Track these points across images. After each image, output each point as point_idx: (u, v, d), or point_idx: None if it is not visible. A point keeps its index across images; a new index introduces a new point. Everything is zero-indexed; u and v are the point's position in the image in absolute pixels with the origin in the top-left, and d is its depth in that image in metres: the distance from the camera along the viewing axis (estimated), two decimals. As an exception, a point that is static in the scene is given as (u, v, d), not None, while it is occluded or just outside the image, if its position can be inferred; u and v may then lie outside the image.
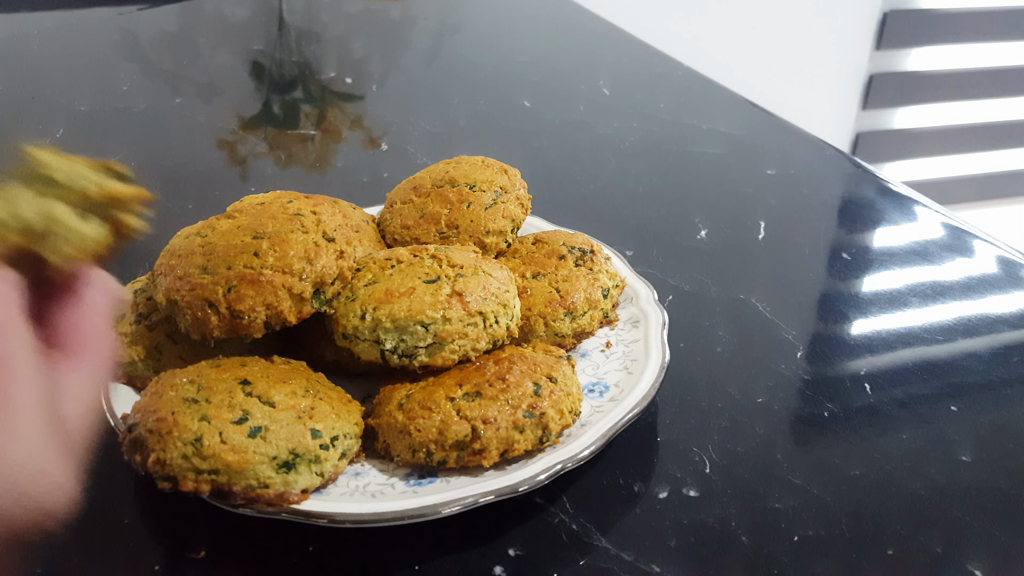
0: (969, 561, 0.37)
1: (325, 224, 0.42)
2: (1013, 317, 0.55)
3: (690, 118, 0.85)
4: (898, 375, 0.49)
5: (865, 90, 1.74)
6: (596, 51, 1.06)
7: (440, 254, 0.43)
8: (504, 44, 1.08)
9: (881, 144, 1.81)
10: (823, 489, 0.41)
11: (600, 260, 0.49)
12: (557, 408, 0.39)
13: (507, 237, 0.49)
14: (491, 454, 0.38)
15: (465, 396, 0.39)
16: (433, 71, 0.98)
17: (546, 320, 0.45)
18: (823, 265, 0.61)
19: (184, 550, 0.37)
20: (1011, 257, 0.61)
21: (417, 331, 0.40)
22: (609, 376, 0.44)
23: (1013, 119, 1.85)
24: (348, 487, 0.38)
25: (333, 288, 0.41)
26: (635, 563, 0.37)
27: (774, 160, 0.76)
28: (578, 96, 0.90)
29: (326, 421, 0.37)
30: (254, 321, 0.39)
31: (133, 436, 0.35)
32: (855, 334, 0.53)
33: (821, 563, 0.37)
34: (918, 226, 0.67)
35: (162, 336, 0.42)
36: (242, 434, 0.35)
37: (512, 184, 0.51)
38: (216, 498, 0.35)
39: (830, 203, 0.71)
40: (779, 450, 0.43)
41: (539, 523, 0.39)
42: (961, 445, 0.44)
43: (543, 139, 0.80)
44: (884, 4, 1.67)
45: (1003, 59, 1.79)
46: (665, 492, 0.40)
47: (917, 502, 0.40)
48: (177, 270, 0.40)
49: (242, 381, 0.37)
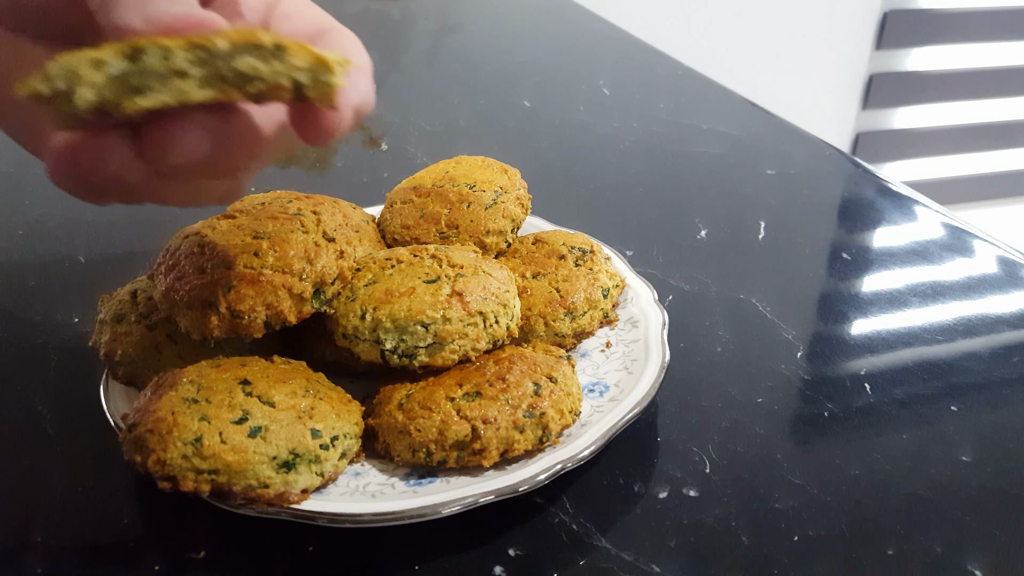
0: (969, 561, 0.37)
1: (325, 224, 0.42)
2: (1013, 317, 0.55)
3: (690, 118, 0.85)
4: (898, 375, 0.49)
5: (865, 90, 1.74)
6: (596, 51, 1.06)
7: (440, 254, 0.43)
8: (504, 44, 1.08)
9: (881, 144, 1.81)
10: (823, 489, 0.41)
11: (600, 260, 0.49)
12: (557, 408, 0.39)
13: (507, 237, 0.49)
14: (491, 454, 0.38)
15: (465, 396, 0.39)
16: (433, 71, 0.98)
17: (546, 320, 0.45)
18: (823, 265, 0.61)
19: (184, 550, 0.37)
20: (1011, 257, 0.61)
21: (417, 331, 0.40)
22: (609, 376, 0.44)
23: (1013, 119, 1.86)
24: (348, 487, 0.38)
25: (333, 288, 0.41)
26: (635, 563, 0.37)
27: (774, 160, 0.76)
28: (578, 96, 0.90)
29: (326, 421, 0.37)
30: (254, 321, 0.39)
31: (133, 436, 0.35)
32: (855, 334, 0.53)
33: (821, 563, 0.37)
34: (918, 226, 0.67)
35: (162, 336, 0.42)
36: (242, 434, 0.35)
37: (512, 184, 0.51)
38: (216, 498, 0.35)
39: (830, 203, 0.71)
40: (779, 450, 0.43)
41: (539, 523, 0.39)
42: (961, 445, 0.44)
43: (543, 139, 0.80)
44: (884, 4, 1.67)
45: (1003, 59, 1.79)
46: (665, 492, 0.40)
47: (917, 502, 0.40)
48: (177, 270, 0.40)
49: (242, 381, 0.37)
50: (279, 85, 0.28)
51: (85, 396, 0.44)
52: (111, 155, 0.28)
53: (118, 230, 0.61)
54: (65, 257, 0.59)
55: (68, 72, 0.26)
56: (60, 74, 0.26)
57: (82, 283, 0.56)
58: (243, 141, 0.31)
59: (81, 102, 0.26)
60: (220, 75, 0.28)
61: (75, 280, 0.57)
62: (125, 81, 0.27)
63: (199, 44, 0.27)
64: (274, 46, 0.28)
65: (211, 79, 0.28)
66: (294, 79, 0.29)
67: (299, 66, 0.28)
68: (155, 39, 0.27)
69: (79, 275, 0.57)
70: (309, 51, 0.29)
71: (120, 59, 0.27)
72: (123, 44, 0.27)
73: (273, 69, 0.28)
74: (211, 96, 0.28)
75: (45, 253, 0.59)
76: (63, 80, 0.26)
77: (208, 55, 0.27)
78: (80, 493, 0.40)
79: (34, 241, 0.61)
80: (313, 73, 0.29)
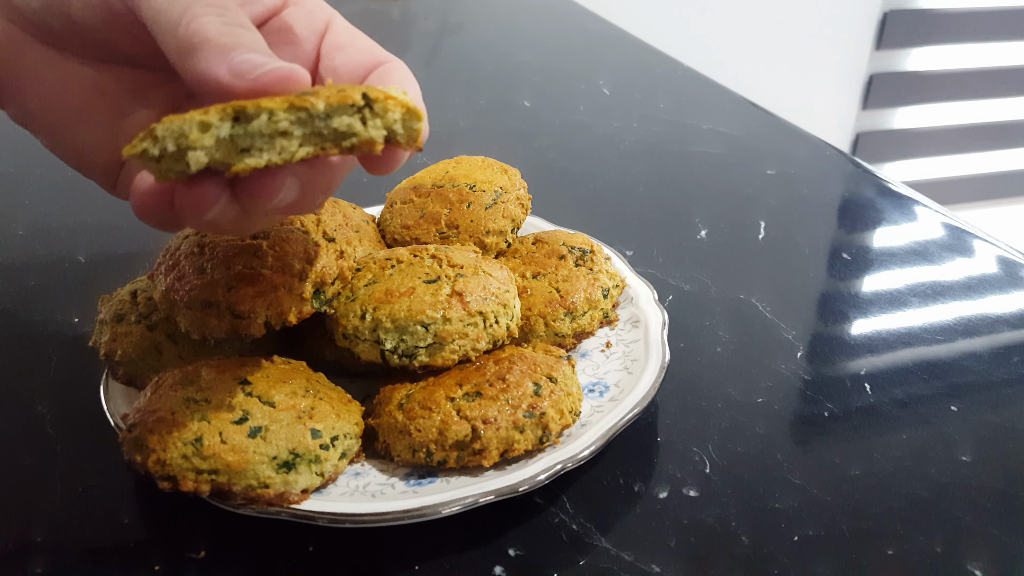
0: (969, 561, 0.37)
1: (325, 224, 0.42)
2: (1013, 317, 0.55)
3: (690, 118, 0.85)
4: (898, 375, 0.49)
5: (865, 90, 1.74)
6: (596, 51, 1.06)
7: (440, 254, 0.43)
8: (504, 44, 1.08)
9: (881, 144, 1.81)
10: (823, 489, 0.41)
11: (600, 260, 0.49)
12: (557, 408, 0.39)
13: (507, 237, 0.49)
14: (491, 454, 0.38)
15: (465, 396, 0.39)
16: (433, 71, 0.98)
17: (546, 320, 0.45)
18: (823, 265, 0.61)
19: (184, 550, 0.37)
20: (1011, 257, 0.61)
21: (417, 331, 0.40)
22: (609, 376, 0.44)
23: (1013, 119, 1.86)
24: (348, 487, 0.38)
25: (333, 288, 0.41)
26: (635, 563, 0.37)
27: (774, 160, 0.76)
28: (578, 96, 0.90)
29: (326, 421, 0.37)
30: (254, 321, 0.39)
31: (133, 436, 0.35)
32: (855, 334, 0.53)
33: (821, 563, 0.37)
34: (918, 226, 0.67)
35: (162, 336, 0.42)
36: (242, 434, 0.35)
37: (512, 184, 0.51)
38: (216, 498, 0.35)
39: (830, 203, 0.71)
40: (779, 450, 0.43)
41: (539, 523, 0.39)
42: (961, 445, 0.44)
43: (543, 139, 0.80)
44: (884, 4, 1.67)
45: (1003, 59, 1.79)
46: (665, 492, 0.40)
47: (917, 502, 0.40)
48: (177, 270, 0.40)
49: (242, 381, 0.37)
50: (372, 139, 0.30)
51: (85, 396, 0.44)
52: (209, 204, 0.29)
53: (118, 230, 0.61)
54: (65, 257, 0.59)
55: (177, 135, 0.27)
56: (169, 136, 0.27)
57: (82, 283, 0.56)
58: (325, 183, 0.33)
59: (194, 164, 0.28)
60: (319, 133, 0.29)
61: (75, 280, 0.57)
62: (232, 142, 0.28)
63: (299, 106, 0.28)
64: (363, 99, 0.29)
65: (310, 137, 0.29)
66: (388, 131, 0.30)
67: (394, 119, 0.30)
68: (258, 102, 0.28)
69: (79, 275, 0.57)
70: (400, 103, 0.30)
71: (227, 121, 0.28)
72: (227, 106, 0.28)
73: (372, 126, 0.29)
74: (311, 153, 0.29)
75: (45, 253, 0.59)
76: (172, 142, 0.27)
77: (308, 116, 0.29)
78: (80, 493, 0.40)
79: (34, 241, 0.61)
80: (404, 122, 0.30)
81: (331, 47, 0.36)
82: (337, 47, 0.36)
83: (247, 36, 0.30)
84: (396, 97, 0.30)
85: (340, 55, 0.35)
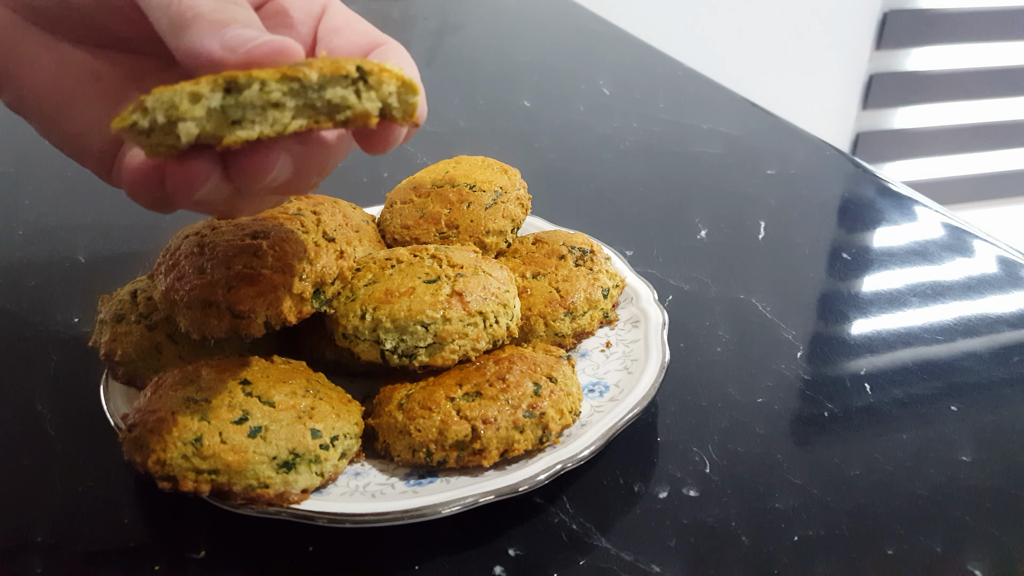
0: (969, 561, 0.37)
1: (325, 224, 0.42)
2: (1013, 317, 0.55)
3: (690, 118, 0.85)
4: (898, 375, 0.49)
5: (865, 90, 1.74)
6: (596, 51, 1.06)
7: (440, 254, 0.43)
8: (504, 44, 1.08)
9: (881, 144, 1.81)
10: (823, 489, 0.41)
11: (600, 260, 0.49)
12: (557, 408, 0.39)
13: (507, 237, 0.49)
14: (491, 454, 0.38)
15: (465, 396, 0.39)
16: (433, 71, 0.98)
17: (546, 320, 0.45)
18: (823, 265, 0.61)
19: (184, 550, 0.37)
20: (1011, 257, 0.61)
21: (417, 331, 0.40)
22: (609, 376, 0.44)
23: (1013, 119, 1.86)
24: (348, 487, 0.38)
25: (333, 288, 0.41)
26: (635, 563, 0.37)
27: (774, 160, 0.76)
28: (578, 96, 0.90)
29: (326, 421, 0.37)
30: (254, 321, 0.39)
31: (133, 436, 0.36)
32: (855, 334, 0.53)
33: (821, 563, 0.37)
34: (918, 226, 0.67)
35: (162, 336, 0.42)
36: (242, 434, 0.35)
37: (512, 184, 0.51)
38: (216, 498, 0.35)
39: (830, 203, 0.71)
40: (779, 450, 0.43)
41: (539, 523, 0.39)
42: (961, 445, 0.44)
43: (543, 139, 0.80)
44: (884, 4, 1.67)
45: (1003, 59, 1.79)
46: (665, 492, 0.40)
47: (917, 502, 0.40)
48: (177, 270, 0.40)
49: (242, 381, 0.37)
50: (367, 112, 0.29)
51: (85, 396, 0.44)
52: (200, 181, 0.29)
53: (118, 230, 0.61)
54: (65, 257, 0.59)
55: (167, 106, 0.27)
56: (159, 108, 0.27)
57: (82, 283, 0.56)
58: (320, 162, 0.32)
59: (184, 136, 0.27)
60: (312, 105, 0.29)
61: (75, 280, 0.57)
62: (224, 113, 0.28)
63: (291, 76, 0.28)
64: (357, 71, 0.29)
65: (304, 109, 0.29)
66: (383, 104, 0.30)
67: (389, 92, 0.29)
68: (249, 72, 0.28)
69: (79, 275, 0.57)
70: (395, 75, 0.29)
71: (218, 92, 0.27)
72: (218, 76, 0.27)
73: (366, 98, 0.29)
74: (304, 126, 0.29)
75: (45, 253, 0.59)
76: (162, 114, 0.27)
77: (300, 87, 0.28)
78: (80, 493, 0.40)
79: (34, 241, 0.61)
80: (400, 95, 0.30)
81: (328, 30, 0.35)
82: (334, 29, 0.35)
83: (241, 12, 0.30)
84: (391, 70, 0.29)
85: (337, 37, 0.35)
